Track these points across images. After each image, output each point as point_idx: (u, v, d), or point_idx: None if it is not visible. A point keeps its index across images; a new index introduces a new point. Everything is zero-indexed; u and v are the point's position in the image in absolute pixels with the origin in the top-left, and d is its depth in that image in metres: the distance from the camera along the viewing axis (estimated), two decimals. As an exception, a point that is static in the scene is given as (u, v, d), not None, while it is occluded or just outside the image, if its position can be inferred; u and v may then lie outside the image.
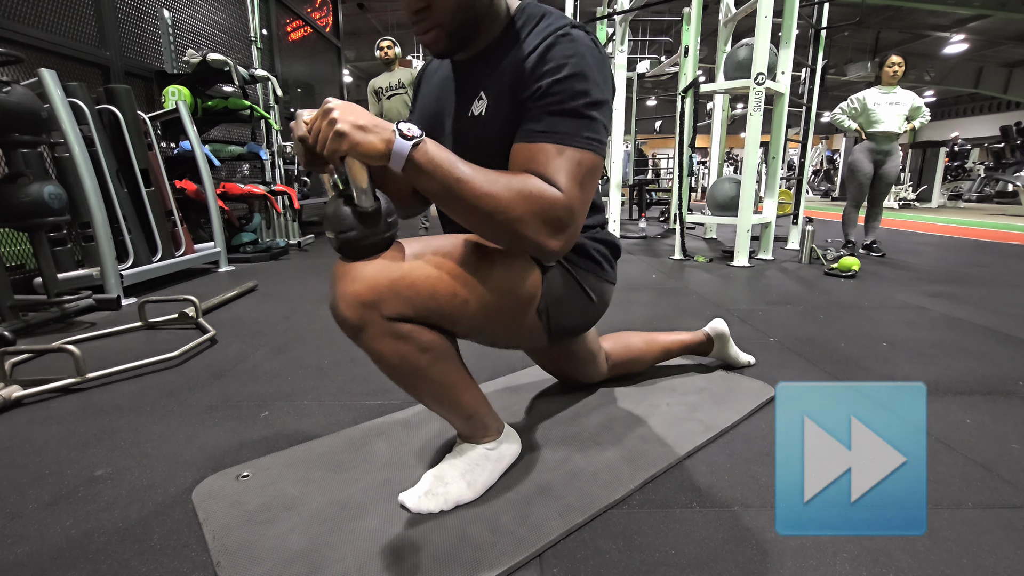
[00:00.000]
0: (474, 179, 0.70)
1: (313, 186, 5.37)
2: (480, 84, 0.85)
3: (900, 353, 1.68)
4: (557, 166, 0.74)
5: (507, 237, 0.74)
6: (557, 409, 1.22)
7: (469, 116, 0.86)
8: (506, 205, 0.71)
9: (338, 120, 0.64)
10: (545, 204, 0.72)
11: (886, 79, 3.66)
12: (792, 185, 4.58)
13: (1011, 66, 15.66)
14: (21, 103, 1.85)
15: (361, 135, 0.65)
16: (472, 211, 0.71)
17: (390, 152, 0.67)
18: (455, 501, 0.85)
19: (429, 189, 0.70)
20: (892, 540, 0.78)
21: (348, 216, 0.71)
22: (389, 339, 0.76)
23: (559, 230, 0.74)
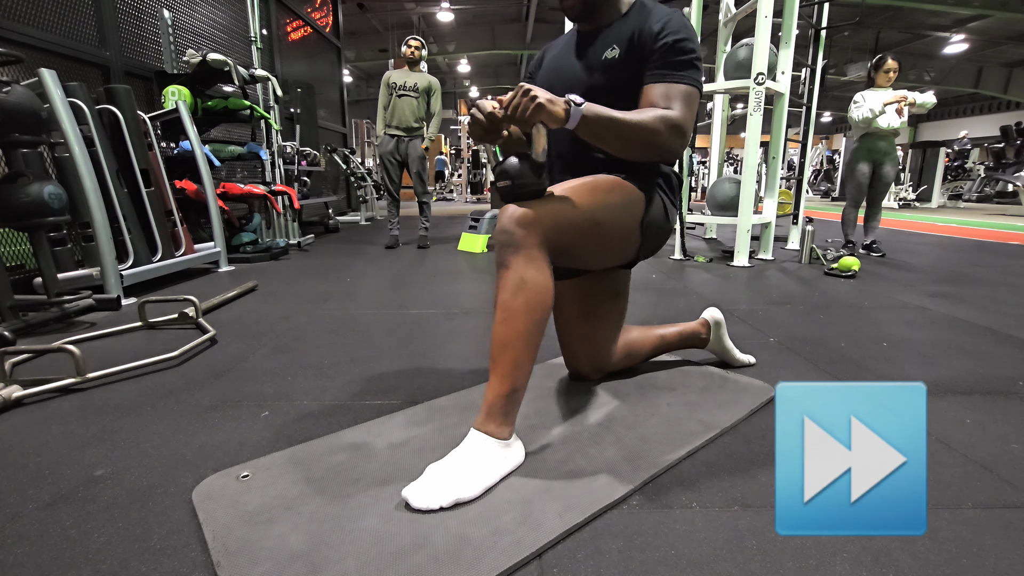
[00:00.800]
0: (626, 117, 0.99)
1: (313, 186, 5.37)
2: (611, 41, 1.15)
3: (900, 353, 1.69)
4: (677, 97, 1.07)
5: (652, 148, 1.04)
6: (557, 409, 1.22)
7: (603, 59, 1.15)
8: (652, 129, 1.01)
9: (537, 96, 0.91)
10: (673, 123, 1.03)
11: (882, 81, 3.66)
12: (792, 185, 4.58)
13: (1011, 66, 15.66)
14: (21, 103, 1.85)
15: (551, 105, 0.92)
16: (627, 139, 1.01)
17: (568, 116, 0.94)
18: (456, 498, 0.85)
19: (594, 133, 0.99)
20: (892, 540, 0.78)
21: (527, 169, 0.98)
22: (528, 262, 0.96)
23: (682, 137, 1.06)
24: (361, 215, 6.47)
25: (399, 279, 2.99)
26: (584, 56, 1.20)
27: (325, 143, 6.26)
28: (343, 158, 6.22)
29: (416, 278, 3.00)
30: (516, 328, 0.95)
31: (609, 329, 1.36)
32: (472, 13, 14.30)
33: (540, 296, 0.96)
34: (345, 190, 7.29)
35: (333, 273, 3.13)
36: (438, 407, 1.22)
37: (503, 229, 0.97)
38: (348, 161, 6.28)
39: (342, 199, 7.24)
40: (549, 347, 1.66)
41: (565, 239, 1.02)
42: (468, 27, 15.28)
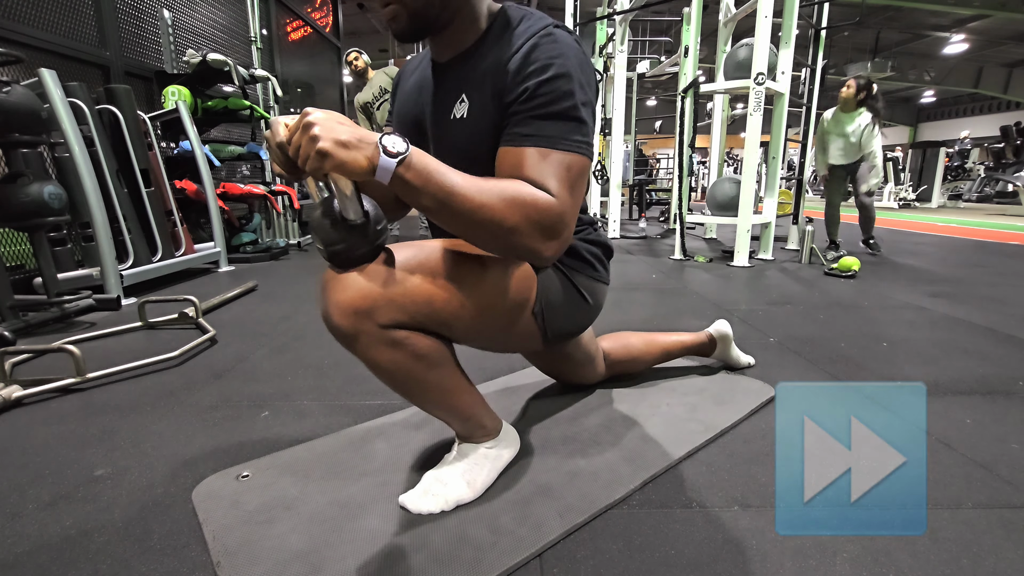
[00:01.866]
0: (466, 190, 0.67)
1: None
2: (461, 86, 0.83)
3: (900, 353, 1.68)
4: (547, 171, 0.73)
5: (501, 246, 0.73)
6: (557, 409, 1.22)
7: (451, 119, 0.85)
8: (500, 215, 0.68)
9: (320, 137, 0.60)
10: (538, 211, 0.71)
11: (841, 104, 3.60)
12: (792, 185, 4.58)
13: (1011, 66, 15.66)
14: (21, 103, 1.85)
15: (344, 153, 0.61)
16: (465, 223, 0.69)
17: (375, 169, 0.63)
18: (455, 501, 0.85)
19: (418, 203, 0.67)
20: (892, 540, 0.78)
21: (337, 228, 0.69)
22: (384, 347, 0.75)
23: (553, 236, 0.73)
24: (361, 215, 6.46)
25: (399, 279, 2.98)
26: (433, 102, 0.89)
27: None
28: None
29: (416, 278, 3.00)
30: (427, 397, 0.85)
31: (582, 356, 1.22)
32: (472, 13, 14.29)
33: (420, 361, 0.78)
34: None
35: (333, 273, 3.12)
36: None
37: (335, 328, 0.75)
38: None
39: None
40: (549, 347, 1.66)
41: (428, 323, 0.78)
42: (468, 27, 15.27)
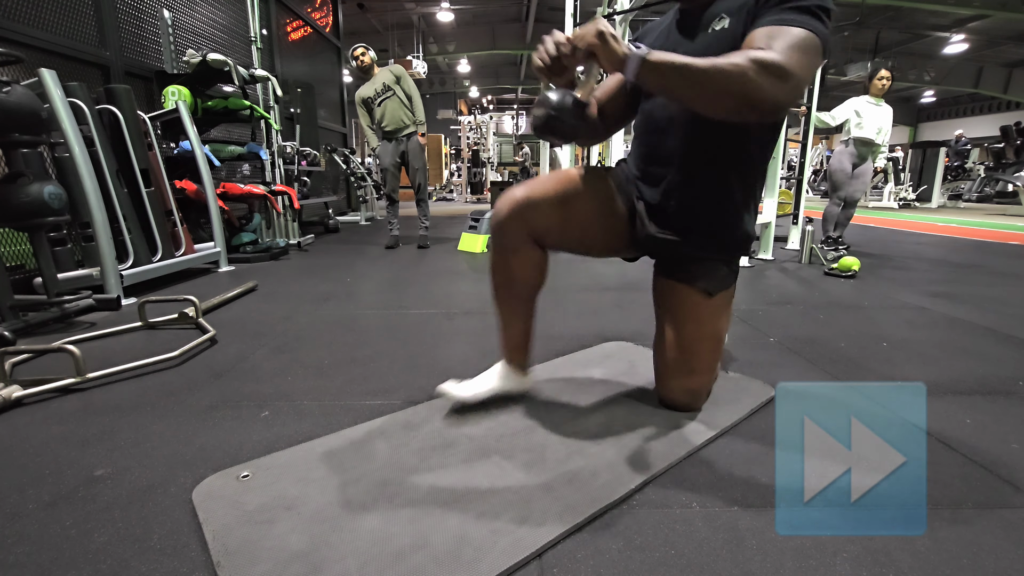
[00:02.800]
0: (698, 62, 0.84)
1: (313, 186, 5.37)
2: (719, 11, 1.02)
3: (900, 353, 1.68)
4: (775, 37, 0.87)
5: (740, 94, 0.84)
6: (557, 409, 1.22)
7: (710, 32, 1.03)
8: (734, 66, 0.83)
9: (604, 30, 0.86)
10: (764, 60, 0.83)
11: (875, 91, 3.78)
12: (792, 185, 4.58)
13: (1011, 66, 15.65)
14: (21, 103, 1.85)
15: (613, 42, 0.86)
16: (704, 87, 0.85)
17: (626, 59, 0.86)
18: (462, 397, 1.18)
19: (661, 83, 0.88)
20: (892, 540, 0.78)
21: (568, 103, 0.93)
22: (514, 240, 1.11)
23: (781, 78, 0.83)
24: (361, 215, 6.47)
25: (399, 279, 2.99)
26: (688, 34, 1.08)
27: (325, 143, 6.25)
28: (343, 158, 6.22)
29: (416, 278, 3.00)
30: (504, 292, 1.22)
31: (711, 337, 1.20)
32: (472, 13, 14.29)
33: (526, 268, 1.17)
34: (345, 190, 7.28)
35: (333, 273, 3.13)
36: (438, 407, 1.22)
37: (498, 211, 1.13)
38: (348, 161, 6.28)
39: (342, 199, 7.24)
40: (550, 347, 1.66)
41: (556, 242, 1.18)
42: (468, 27, 15.27)
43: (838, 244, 3.85)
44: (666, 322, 1.20)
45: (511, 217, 1.10)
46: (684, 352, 1.17)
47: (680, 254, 1.17)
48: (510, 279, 1.17)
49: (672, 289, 1.19)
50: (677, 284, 1.18)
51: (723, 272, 1.16)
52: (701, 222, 1.14)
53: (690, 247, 1.15)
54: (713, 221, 1.14)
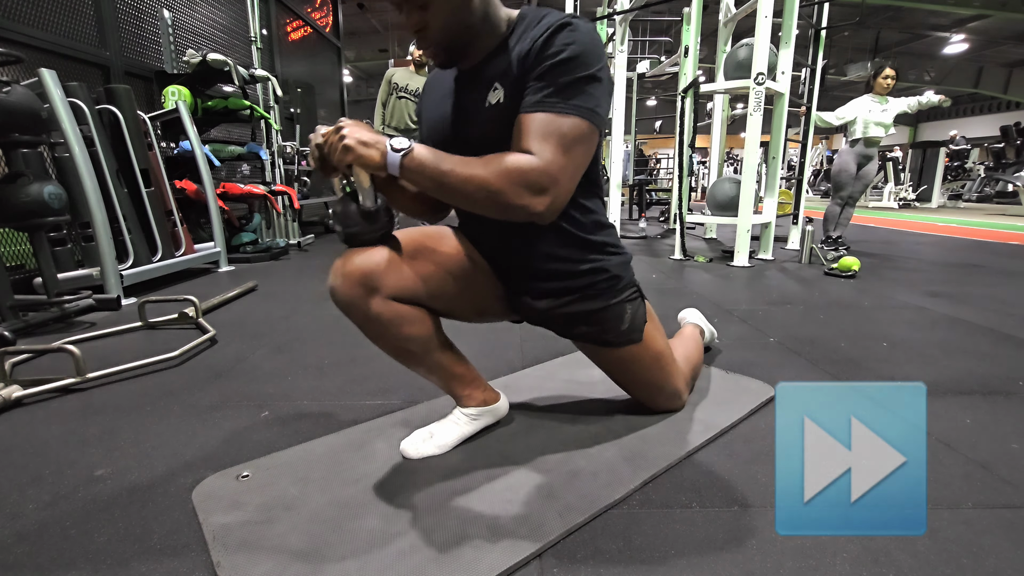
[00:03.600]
0: (456, 169, 0.82)
1: (313, 186, 5.37)
2: (493, 78, 0.91)
3: (900, 353, 1.68)
4: (538, 134, 0.82)
5: (497, 209, 0.84)
6: (557, 409, 1.22)
7: (487, 107, 0.92)
8: (486, 182, 0.81)
9: (347, 137, 0.80)
10: (520, 172, 0.81)
11: (879, 89, 3.76)
12: (792, 185, 4.58)
13: (1011, 66, 15.66)
14: (21, 103, 1.85)
15: (363, 149, 0.81)
16: (462, 195, 0.84)
17: (386, 162, 0.82)
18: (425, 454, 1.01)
19: (423, 185, 0.85)
20: (892, 540, 0.78)
21: (353, 214, 0.88)
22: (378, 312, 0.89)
23: (539, 192, 0.82)
24: (361, 215, 6.46)
25: (399, 279, 2.98)
26: (466, 101, 0.96)
27: (325, 143, 6.25)
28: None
29: (416, 278, 3.00)
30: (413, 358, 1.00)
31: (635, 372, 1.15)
32: (472, 13, 14.28)
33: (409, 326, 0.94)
34: (345, 190, 7.27)
35: (333, 273, 3.12)
36: (438, 407, 1.22)
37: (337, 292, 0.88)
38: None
39: (342, 199, 7.23)
40: (549, 347, 1.66)
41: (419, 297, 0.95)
42: (468, 27, 15.27)
43: (838, 244, 3.85)
44: (601, 365, 1.15)
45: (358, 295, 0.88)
46: (637, 387, 1.15)
47: (561, 316, 1.05)
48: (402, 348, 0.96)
49: (589, 349, 1.12)
50: (588, 345, 1.10)
51: (624, 313, 1.04)
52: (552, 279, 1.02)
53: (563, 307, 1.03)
54: (564, 273, 1.01)
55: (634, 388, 1.17)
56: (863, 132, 3.74)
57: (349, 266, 0.87)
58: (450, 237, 1.03)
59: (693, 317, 1.61)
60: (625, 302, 1.05)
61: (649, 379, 1.13)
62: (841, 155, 3.94)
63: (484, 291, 1.06)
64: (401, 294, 0.91)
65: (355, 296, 0.87)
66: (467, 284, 1.02)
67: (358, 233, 0.89)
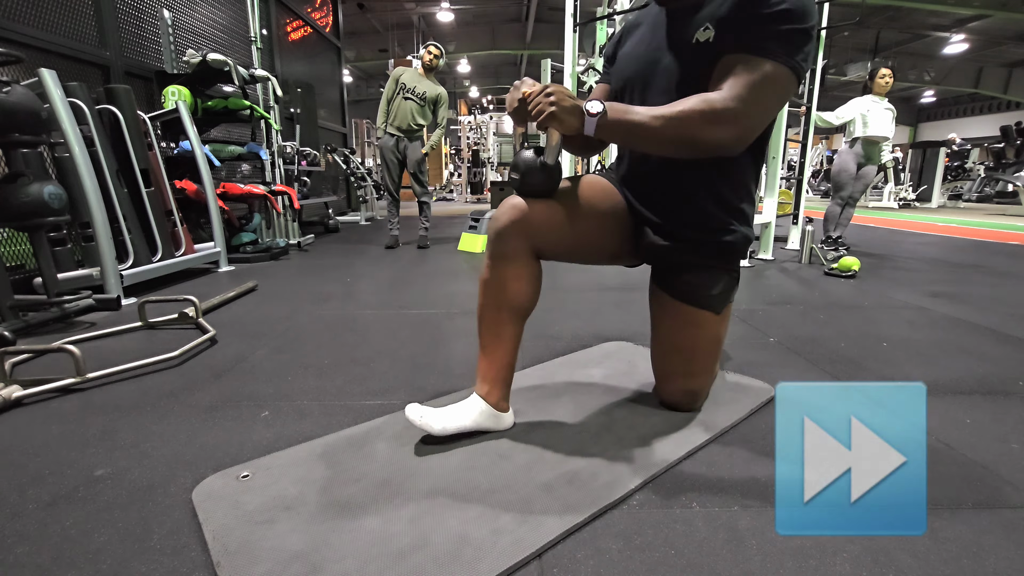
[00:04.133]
0: (647, 121, 0.91)
1: (313, 186, 5.37)
2: (705, 18, 0.98)
3: (900, 353, 1.68)
4: (739, 73, 0.90)
5: (689, 147, 0.93)
6: (557, 409, 1.22)
7: (695, 43, 0.98)
8: (677, 124, 0.90)
9: (555, 103, 0.90)
10: (707, 109, 0.89)
11: (878, 89, 3.78)
12: (792, 185, 4.58)
13: (1011, 66, 15.65)
14: (21, 103, 1.85)
15: (567, 116, 0.90)
16: (656, 142, 0.94)
17: (582, 126, 0.92)
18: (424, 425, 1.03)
19: (613, 139, 0.97)
20: (892, 540, 0.78)
21: (536, 167, 1.01)
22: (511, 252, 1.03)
23: (727, 123, 0.90)
24: (361, 215, 6.47)
25: (399, 279, 2.99)
26: (672, 39, 1.04)
27: (325, 143, 6.26)
28: (343, 158, 6.22)
29: (416, 278, 3.00)
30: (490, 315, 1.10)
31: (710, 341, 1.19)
32: (472, 13, 14.29)
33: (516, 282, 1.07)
34: (345, 190, 7.28)
35: (333, 273, 3.13)
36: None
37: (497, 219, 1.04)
38: (348, 161, 6.28)
39: (342, 199, 7.24)
40: (550, 347, 1.66)
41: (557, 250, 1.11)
42: (468, 27, 15.28)
43: (838, 244, 3.85)
44: (664, 327, 1.19)
45: (511, 226, 1.02)
46: (682, 355, 1.16)
47: (676, 261, 1.14)
48: (502, 293, 1.06)
49: (672, 304, 1.16)
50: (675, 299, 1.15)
51: (723, 281, 1.13)
52: (689, 226, 1.11)
53: (684, 253, 1.13)
54: (702, 224, 1.11)
55: (678, 363, 1.17)
56: (863, 132, 3.74)
57: (521, 208, 1.02)
58: (600, 189, 1.15)
59: None
60: (727, 272, 1.14)
61: (698, 353, 1.15)
62: (841, 155, 3.94)
63: (619, 238, 1.17)
64: (546, 250, 1.06)
65: (512, 233, 1.02)
66: (608, 234, 1.15)
67: (536, 183, 1.02)
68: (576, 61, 4.36)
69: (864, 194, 3.90)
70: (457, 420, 1.06)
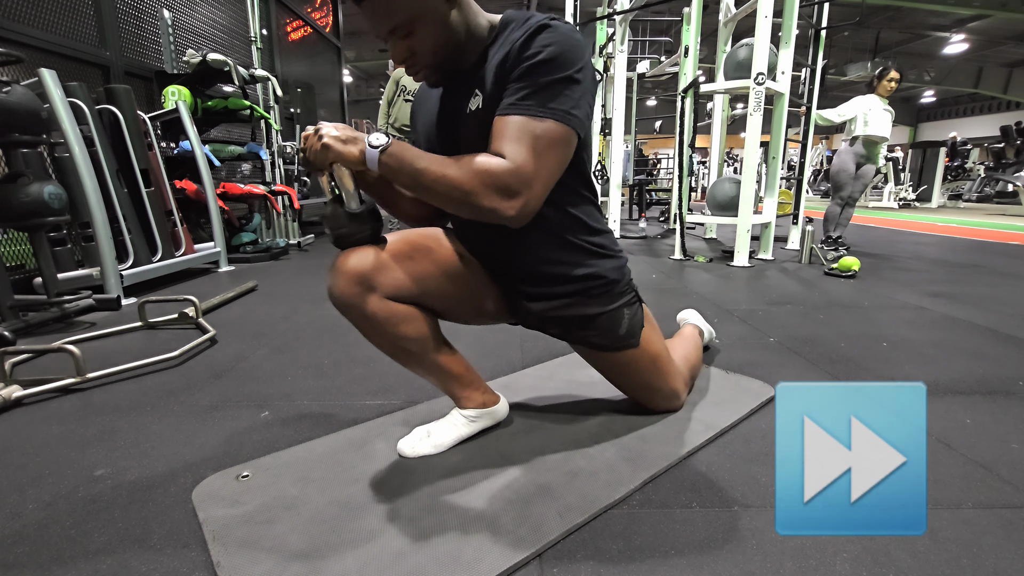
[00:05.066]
0: (431, 167, 0.82)
1: (313, 186, 5.38)
2: (475, 84, 0.91)
3: (900, 353, 1.68)
4: (511, 137, 0.82)
5: (468, 209, 0.84)
6: (557, 409, 1.22)
7: (467, 113, 0.92)
8: (459, 182, 0.81)
9: (324, 136, 0.82)
10: (491, 174, 0.81)
11: (882, 91, 3.79)
12: (792, 185, 4.58)
13: (1011, 66, 15.66)
14: (21, 103, 1.85)
15: (341, 146, 0.82)
16: (435, 193, 0.84)
17: (364, 158, 0.82)
18: (421, 453, 1.01)
19: (400, 182, 0.85)
20: (892, 540, 0.78)
21: (341, 215, 0.89)
22: (375, 312, 0.90)
23: (510, 195, 0.82)
24: (361, 215, 6.46)
25: (399, 279, 2.98)
26: (450, 108, 0.97)
27: (325, 143, 6.25)
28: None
29: (416, 278, 3.00)
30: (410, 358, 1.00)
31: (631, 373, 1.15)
32: (472, 13, 14.28)
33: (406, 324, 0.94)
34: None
35: (333, 273, 3.12)
36: (438, 407, 1.22)
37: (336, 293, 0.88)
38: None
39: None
40: (549, 347, 1.66)
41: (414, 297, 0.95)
42: (468, 27, 15.26)
43: (838, 244, 3.85)
44: (599, 367, 1.14)
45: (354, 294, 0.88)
46: (632, 385, 1.15)
47: (561, 321, 1.05)
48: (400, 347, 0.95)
49: (585, 352, 1.12)
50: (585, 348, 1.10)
51: (623, 318, 1.04)
52: (543, 283, 1.01)
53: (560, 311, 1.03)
54: (556, 277, 1.00)
55: (631, 390, 1.17)
56: (863, 131, 3.74)
57: (345, 266, 0.87)
58: (444, 238, 1.02)
59: (692, 318, 1.61)
60: (623, 307, 1.04)
61: (647, 381, 1.13)
62: (840, 155, 3.94)
63: (481, 292, 1.05)
64: (398, 293, 0.91)
65: (352, 295, 0.88)
66: (463, 284, 1.01)
67: (346, 235, 0.90)
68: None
69: (864, 194, 3.89)
70: (453, 432, 1.05)
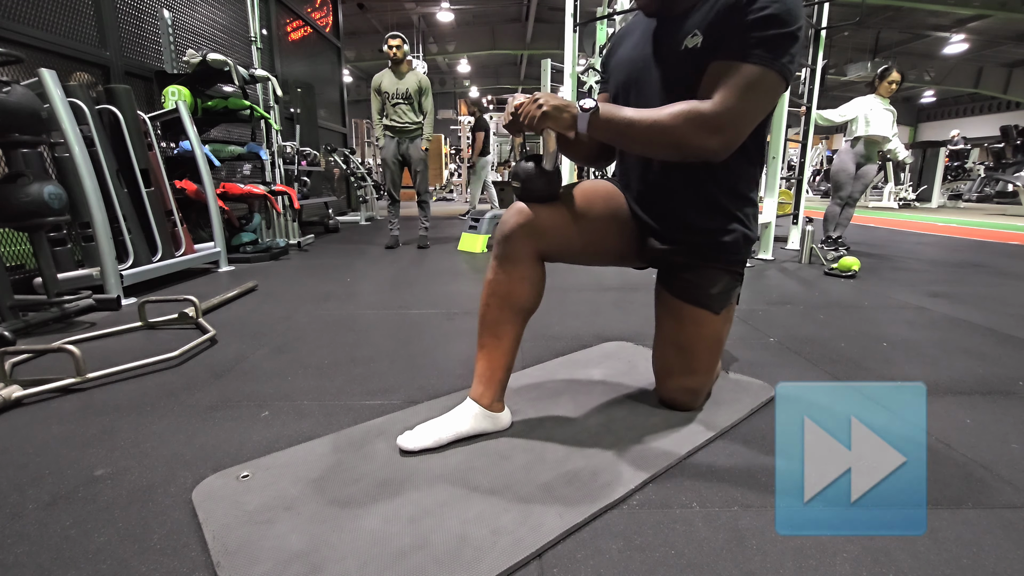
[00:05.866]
0: (638, 119, 0.95)
1: (313, 186, 5.37)
2: (693, 25, 1.00)
3: (900, 353, 1.68)
4: (719, 81, 0.93)
5: (676, 150, 0.96)
6: (557, 409, 1.22)
7: (683, 50, 1.00)
8: (666, 127, 0.93)
9: (544, 104, 0.95)
10: (696, 115, 0.92)
11: (884, 92, 3.77)
12: (792, 185, 4.58)
13: (1011, 66, 15.66)
14: (21, 103, 1.85)
15: (558, 113, 0.95)
16: (644, 142, 0.97)
17: (575, 121, 0.96)
18: (421, 446, 1.03)
19: (605, 137, 0.98)
20: (892, 540, 0.78)
21: (535, 174, 1.04)
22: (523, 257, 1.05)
23: (714, 131, 0.93)
24: (361, 215, 6.47)
25: (399, 279, 2.99)
26: (662, 45, 1.06)
27: (325, 143, 6.26)
28: (343, 158, 6.22)
29: (416, 278, 3.00)
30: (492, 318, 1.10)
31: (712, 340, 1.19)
32: (472, 13, 14.30)
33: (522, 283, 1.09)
34: (345, 190, 7.28)
35: (333, 273, 3.13)
36: (438, 407, 1.22)
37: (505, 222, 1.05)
38: (348, 161, 6.28)
39: (342, 199, 7.24)
40: (550, 347, 1.66)
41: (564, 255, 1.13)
42: (468, 27, 15.28)
43: (838, 244, 3.85)
44: (665, 324, 1.20)
45: (518, 229, 1.04)
46: (682, 353, 1.17)
47: (675, 262, 1.16)
48: (506, 294, 1.07)
49: (673, 302, 1.17)
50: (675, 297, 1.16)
51: (723, 280, 1.13)
52: (685, 229, 1.13)
53: (682, 254, 1.14)
54: (698, 228, 1.12)
55: (679, 356, 1.17)
56: (865, 131, 3.73)
57: (526, 212, 1.04)
58: (603, 193, 1.17)
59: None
60: (727, 271, 1.14)
61: (698, 351, 1.16)
62: (840, 155, 3.94)
63: (623, 240, 1.19)
64: (551, 252, 1.08)
65: (518, 237, 1.04)
66: (612, 237, 1.17)
67: (535, 189, 1.04)
68: (576, 61, 4.36)
69: (864, 194, 3.88)
70: (452, 428, 1.06)
